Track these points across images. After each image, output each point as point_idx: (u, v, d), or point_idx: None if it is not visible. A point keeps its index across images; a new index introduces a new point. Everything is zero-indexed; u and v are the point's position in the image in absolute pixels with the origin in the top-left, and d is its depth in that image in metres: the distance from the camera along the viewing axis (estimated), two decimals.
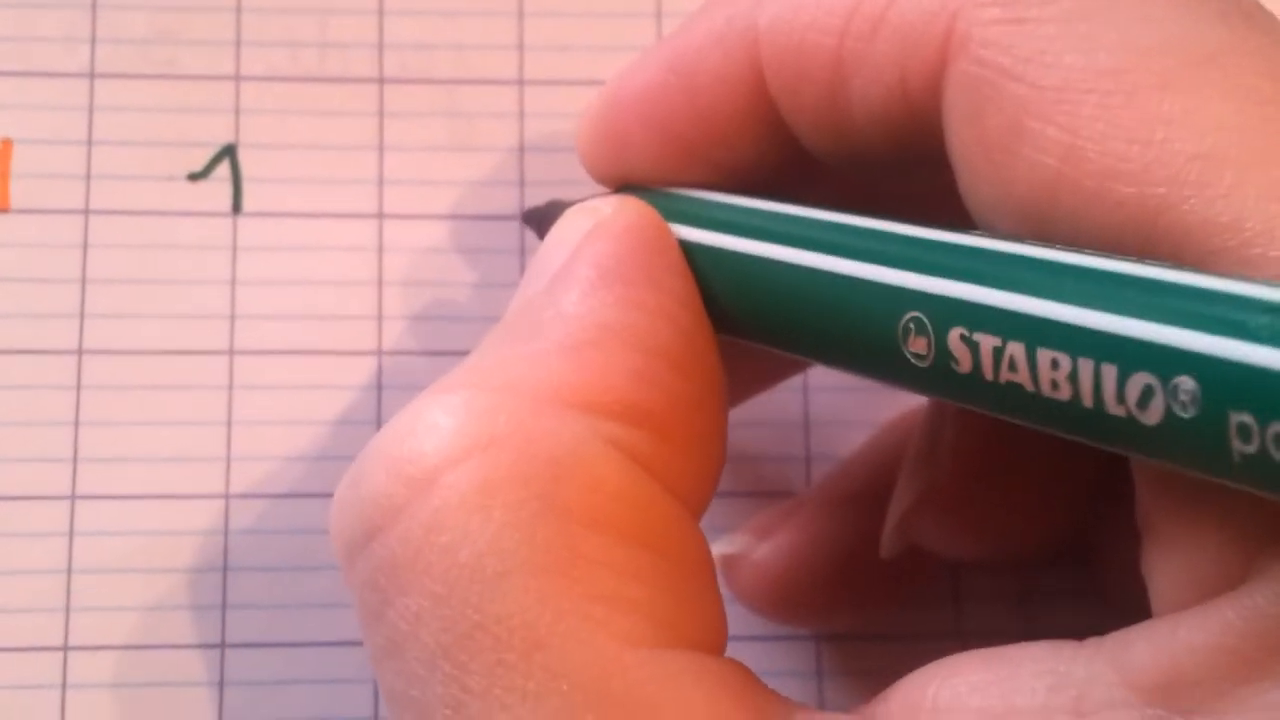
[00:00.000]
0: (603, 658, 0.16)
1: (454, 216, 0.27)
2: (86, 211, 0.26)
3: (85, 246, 0.26)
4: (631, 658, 0.16)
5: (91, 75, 0.26)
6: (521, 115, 0.27)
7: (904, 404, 0.26)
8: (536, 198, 0.25)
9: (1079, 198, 0.16)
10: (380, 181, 0.26)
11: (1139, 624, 0.16)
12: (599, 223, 0.19)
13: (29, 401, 0.25)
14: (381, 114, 0.27)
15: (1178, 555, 0.16)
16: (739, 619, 0.25)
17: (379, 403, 0.26)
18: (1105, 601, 0.24)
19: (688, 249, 0.19)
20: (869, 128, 0.19)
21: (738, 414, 0.27)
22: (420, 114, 0.27)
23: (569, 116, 0.22)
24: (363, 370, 0.26)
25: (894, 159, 0.19)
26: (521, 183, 0.27)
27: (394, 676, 0.17)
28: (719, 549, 0.25)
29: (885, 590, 0.25)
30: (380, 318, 0.26)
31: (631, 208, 0.20)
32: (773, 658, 0.26)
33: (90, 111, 0.26)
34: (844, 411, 0.27)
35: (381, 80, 0.27)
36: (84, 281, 0.25)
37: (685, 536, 0.18)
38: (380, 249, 0.26)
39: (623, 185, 0.21)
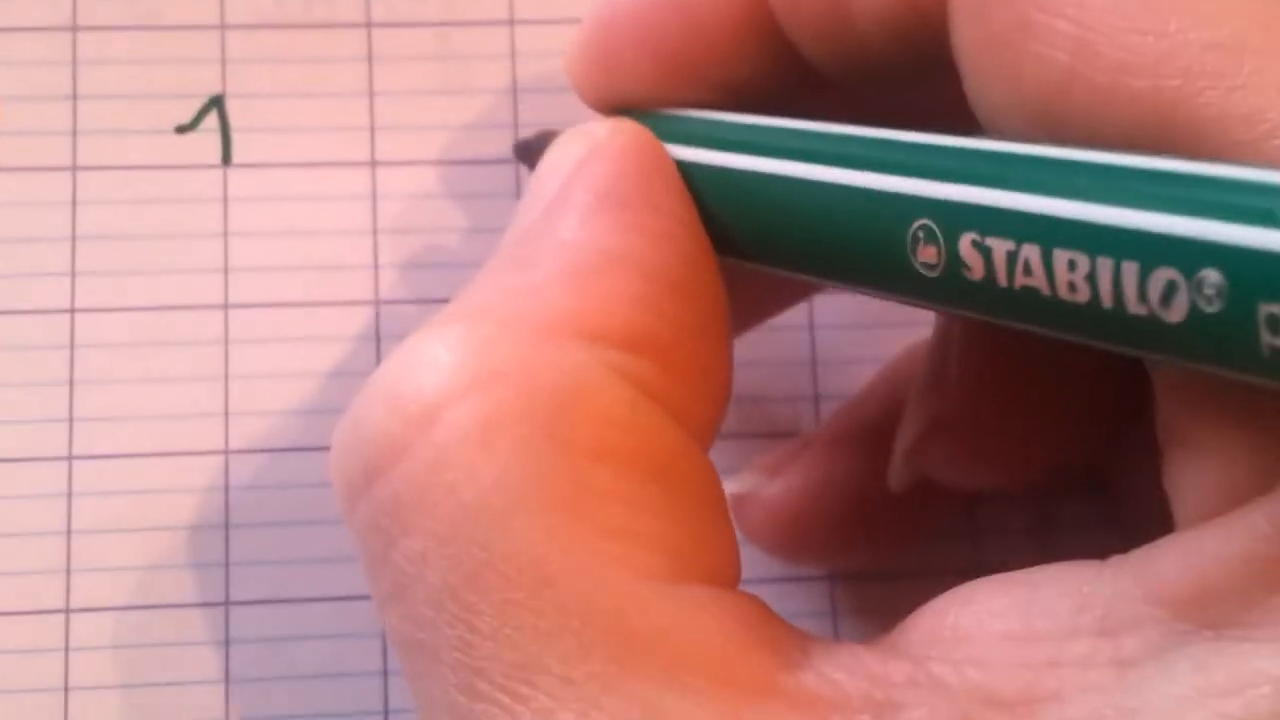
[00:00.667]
0: (615, 593, 0.16)
1: (448, 162, 0.26)
2: (74, 168, 0.25)
3: (74, 203, 0.25)
4: (644, 592, 0.16)
5: (74, 29, 0.26)
6: (513, 56, 0.26)
7: (911, 339, 0.25)
8: None
9: (1091, 94, 0.15)
10: (371, 128, 0.26)
11: (1164, 538, 0.15)
12: (593, 146, 0.19)
13: (22, 362, 0.25)
14: (370, 59, 0.26)
15: (1204, 464, 0.15)
16: (751, 561, 0.25)
17: (377, 352, 0.25)
18: (1125, 531, 0.23)
19: (685, 171, 0.19)
20: (873, 33, 0.18)
21: (744, 354, 0.26)
22: (410, 58, 0.26)
23: (562, 56, 0.22)
24: (359, 320, 0.25)
25: (899, 68, 0.19)
26: (515, 125, 0.26)
27: (400, 620, 0.17)
28: (729, 488, 0.24)
29: (899, 525, 0.24)
30: (376, 266, 0.26)
31: (626, 129, 0.19)
32: (787, 599, 0.25)
33: (74, 66, 0.26)
34: (851, 350, 0.26)
35: (369, 25, 0.26)
36: (74, 239, 0.25)
37: (695, 467, 0.17)
38: (374, 196, 0.26)
39: (616, 109, 0.21)
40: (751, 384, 0.26)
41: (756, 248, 0.19)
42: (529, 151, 0.23)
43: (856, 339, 0.26)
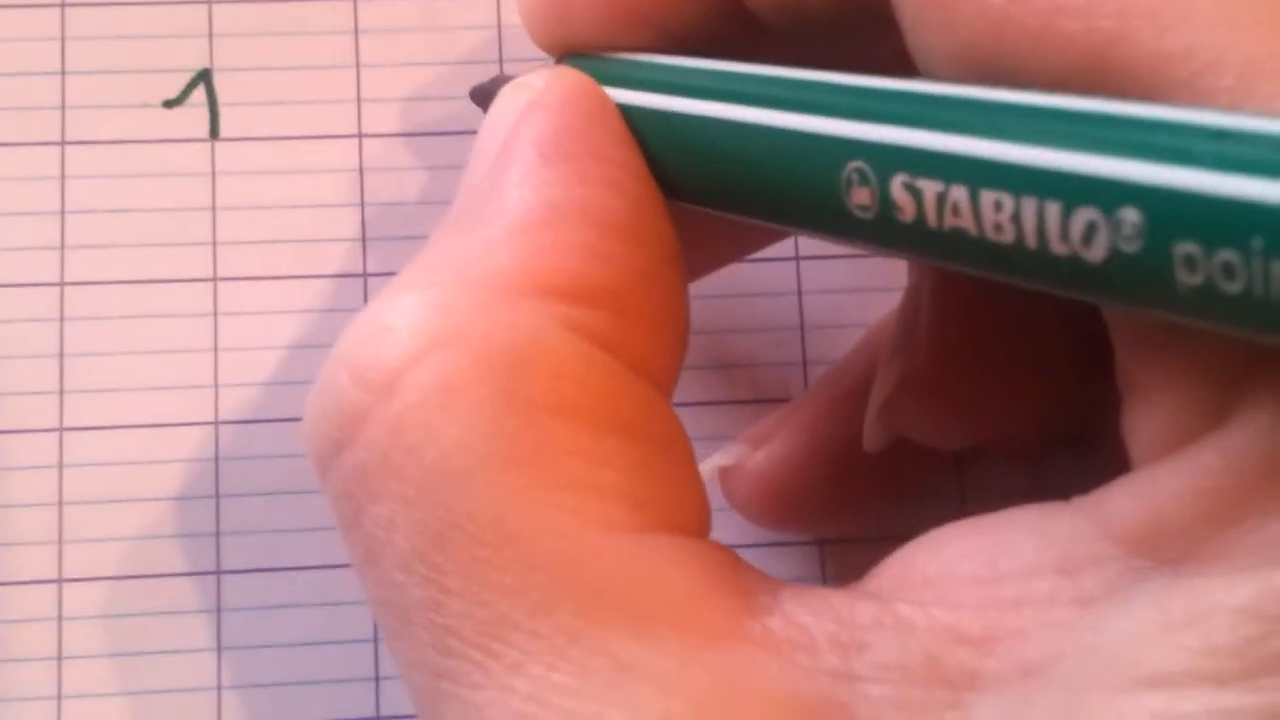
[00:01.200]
0: (577, 545, 0.16)
1: (435, 133, 0.26)
2: (63, 143, 0.25)
3: (63, 178, 0.25)
4: (607, 543, 0.16)
5: (62, 5, 0.26)
6: (499, 27, 0.27)
7: (896, 303, 0.25)
8: None
9: (1026, 38, 0.15)
10: (358, 100, 0.26)
11: (1120, 478, 0.15)
12: (533, 99, 0.19)
13: (12, 335, 0.25)
14: (356, 31, 0.26)
15: (1156, 409, 0.15)
16: (741, 527, 0.25)
17: None
18: None
19: (630, 114, 0.19)
20: None
21: (732, 321, 0.26)
22: (396, 30, 0.26)
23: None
24: (347, 292, 0.25)
25: (840, 19, 0.19)
26: None
27: (374, 585, 0.17)
28: (715, 462, 0.24)
29: (884, 489, 0.24)
30: (364, 239, 0.26)
31: (566, 78, 0.19)
32: (776, 565, 0.25)
33: (62, 41, 0.26)
34: (839, 315, 0.26)
35: None
36: (63, 213, 0.25)
37: (656, 416, 0.17)
38: (361, 169, 0.26)
39: (568, 53, 0.21)
40: (740, 350, 0.26)
41: (699, 191, 0.19)
42: (485, 96, 0.23)
43: (844, 304, 0.26)
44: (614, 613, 0.15)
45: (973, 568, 0.16)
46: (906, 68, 0.17)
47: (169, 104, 0.26)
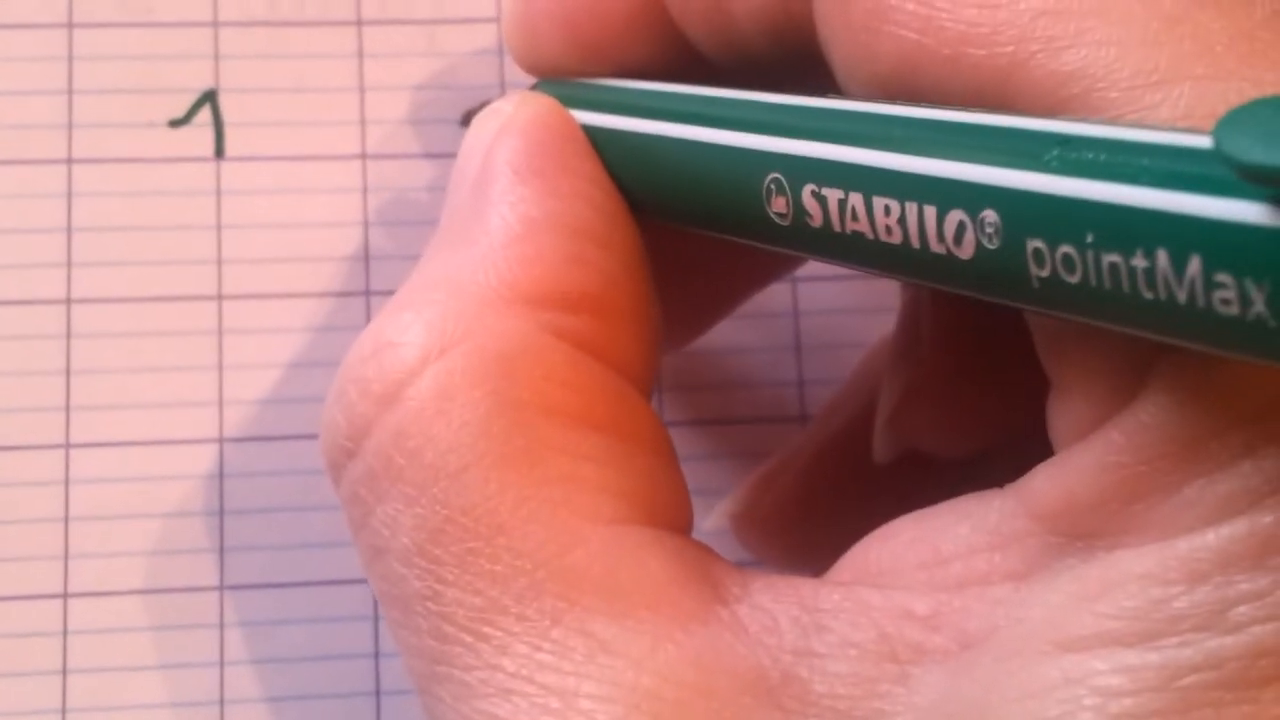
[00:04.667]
0: (562, 534, 0.17)
1: (437, 155, 0.27)
2: (69, 161, 0.26)
3: (70, 195, 0.26)
4: (590, 532, 0.17)
5: (70, 25, 0.26)
6: (501, 52, 0.27)
7: (890, 324, 0.26)
8: None
9: (938, 67, 0.17)
10: (362, 122, 0.26)
11: (1044, 461, 0.16)
12: (504, 123, 0.20)
13: (19, 352, 0.25)
14: (361, 55, 0.27)
15: (1071, 401, 0.16)
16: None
17: None
18: None
19: (593, 134, 0.20)
20: (751, 29, 0.20)
21: (729, 341, 0.27)
22: (400, 54, 0.27)
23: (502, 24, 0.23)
24: (352, 311, 0.26)
25: (777, 58, 0.20)
26: None
27: (379, 580, 0.18)
28: (724, 509, 0.25)
29: (900, 511, 0.25)
30: (367, 258, 0.26)
31: (532, 102, 0.21)
32: None
33: (70, 61, 0.26)
34: (835, 335, 0.27)
35: (360, 23, 0.27)
36: (69, 230, 0.25)
37: (637, 415, 0.19)
38: (365, 189, 0.26)
39: (543, 76, 0.22)
40: (736, 370, 0.26)
41: (650, 203, 0.20)
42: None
43: (840, 324, 0.27)
44: (594, 596, 0.17)
45: (918, 555, 0.17)
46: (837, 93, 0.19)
47: (175, 123, 0.26)
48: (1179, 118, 0.15)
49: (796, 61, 0.20)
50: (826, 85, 0.19)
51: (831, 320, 0.27)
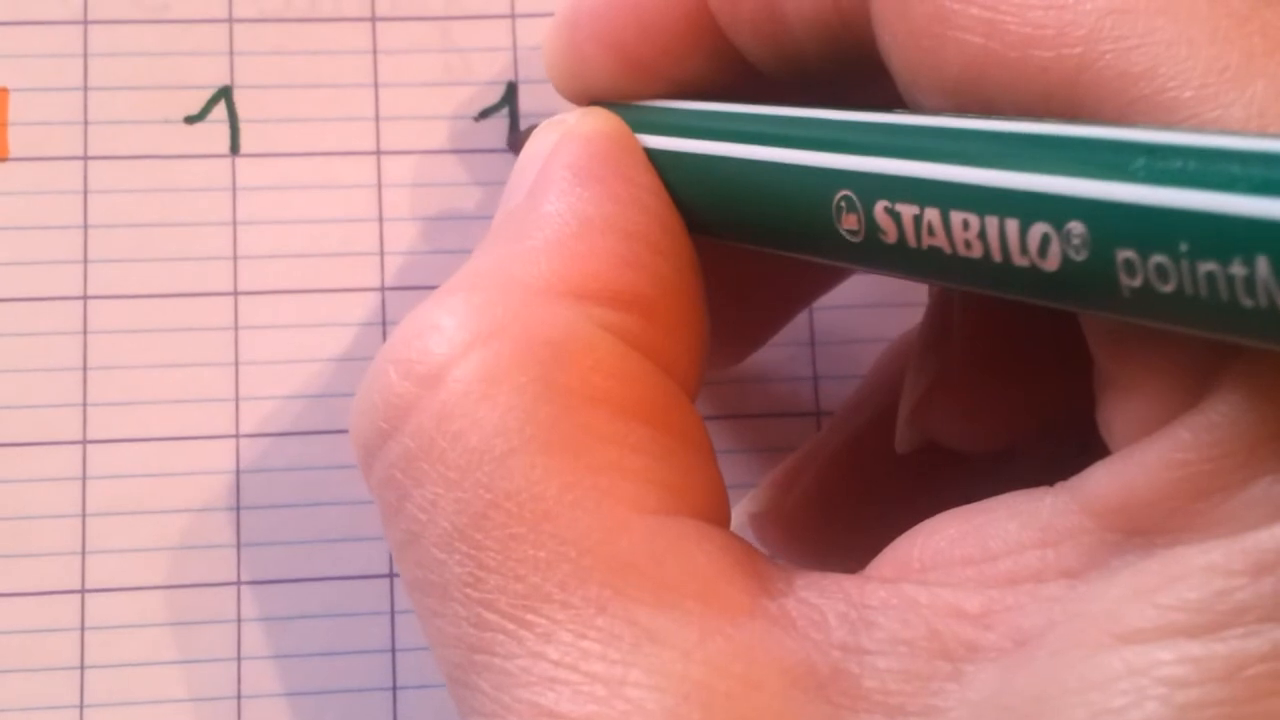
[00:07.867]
0: (608, 522, 0.17)
1: (451, 151, 0.27)
2: (85, 158, 0.26)
3: (85, 192, 0.26)
4: (636, 521, 0.17)
5: (85, 23, 0.26)
6: (515, 49, 0.27)
7: (906, 324, 0.26)
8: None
9: (1005, 70, 0.16)
10: (376, 118, 0.26)
11: (1098, 461, 0.16)
12: (566, 131, 0.20)
13: (36, 348, 0.25)
14: (375, 52, 0.27)
15: (1131, 400, 0.16)
16: None
17: (383, 337, 0.26)
18: None
19: (650, 155, 0.20)
20: (805, 37, 0.20)
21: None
22: (414, 50, 0.27)
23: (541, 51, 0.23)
24: (367, 306, 0.26)
25: (832, 67, 0.20)
26: (516, 116, 0.27)
27: (414, 566, 0.18)
28: (745, 508, 0.25)
29: (922, 514, 0.25)
30: (382, 253, 0.26)
31: (595, 115, 0.21)
32: None
33: (85, 58, 0.26)
34: (850, 330, 0.27)
35: (374, 19, 0.27)
36: (86, 227, 0.26)
37: (682, 413, 0.19)
38: (379, 185, 0.26)
39: (589, 102, 0.22)
40: (752, 365, 0.26)
41: (711, 223, 0.20)
42: (521, 144, 0.24)
43: (854, 320, 0.27)
44: (640, 586, 0.17)
45: (963, 551, 0.17)
46: (898, 104, 0.18)
47: (190, 120, 0.26)
48: (1253, 116, 0.15)
49: (852, 70, 0.19)
50: (884, 94, 0.19)
51: (846, 315, 0.27)
